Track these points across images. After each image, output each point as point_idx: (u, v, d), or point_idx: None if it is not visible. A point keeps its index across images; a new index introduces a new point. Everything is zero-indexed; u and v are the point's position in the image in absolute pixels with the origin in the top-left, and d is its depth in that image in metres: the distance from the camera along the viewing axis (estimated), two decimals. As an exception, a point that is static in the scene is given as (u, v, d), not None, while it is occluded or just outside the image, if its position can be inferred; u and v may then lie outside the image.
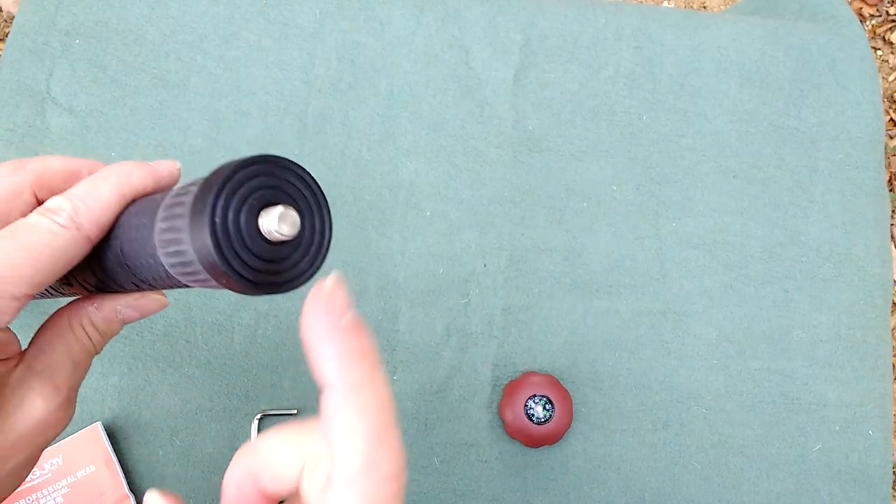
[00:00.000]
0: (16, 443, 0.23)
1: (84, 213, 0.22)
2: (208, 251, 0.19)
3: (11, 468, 0.23)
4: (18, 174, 0.24)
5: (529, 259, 0.52)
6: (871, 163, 0.57)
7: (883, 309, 0.55)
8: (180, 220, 0.20)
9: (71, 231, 0.22)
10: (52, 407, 0.24)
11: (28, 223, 0.22)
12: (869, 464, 0.52)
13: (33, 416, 0.23)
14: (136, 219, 0.23)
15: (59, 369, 0.24)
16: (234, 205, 0.19)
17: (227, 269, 0.19)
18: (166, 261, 0.21)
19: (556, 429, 0.47)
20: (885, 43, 1.41)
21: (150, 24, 0.53)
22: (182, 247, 0.20)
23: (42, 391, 0.23)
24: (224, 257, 0.19)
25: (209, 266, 0.19)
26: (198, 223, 0.19)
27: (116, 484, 0.45)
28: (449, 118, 0.54)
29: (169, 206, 0.21)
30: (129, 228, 0.23)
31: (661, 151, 0.55)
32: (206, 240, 0.19)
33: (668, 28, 0.57)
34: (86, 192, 0.23)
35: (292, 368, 0.49)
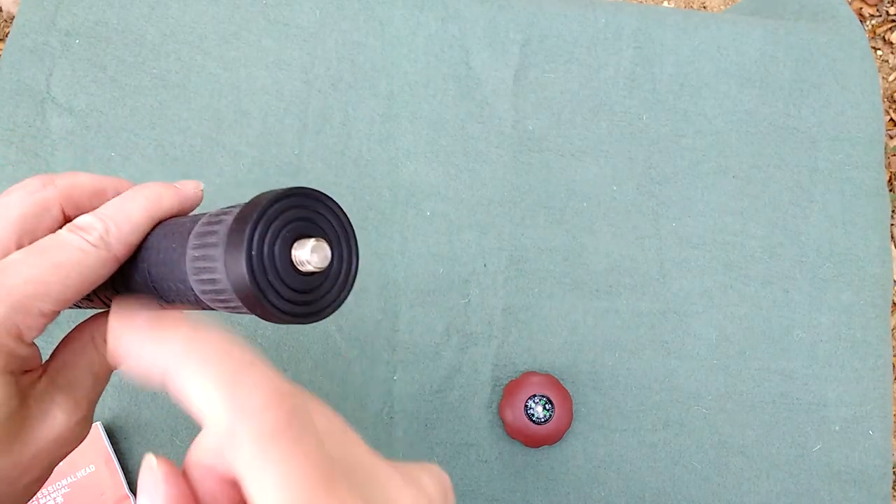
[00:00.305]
0: (35, 456, 0.23)
1: (114, 232, 0.23)
2: (245, 282, 0.19)
3: (28, 482, 0.23)
4: (48, 189, 0.24)
5: (529, 259, 0.52)
6: (871, 163, 0.57)
7: (883, 309, 0.55)
8: (214, 248, 0.20)
9: (101, 250, 0.22)
10: (73, 422, 0.24)
11: (59, 240, 0.22)
12: (869, 464, 0.52)
13: (54, 430, 0.23)
14: (165, 242, 0.23)
15: (81, 384, 0.24)
16: (269, 237, 0.20)
17: (262, 300, 0.19)
18: (198, 287, 0.21)
19: (556, 429, 0.47)
20: (885, 43, 1.41)
21: (150, 24, 0.53)
22: (216, 275, 0.20)
23: (64, 405, 0.24)
24: (259, 288, 0.19)
25: (244, 297, 0.19)
26: (234, 254, 0.19)
27: (116, 484, 0.45)
28: (449, 118, 0.54)
29: (201, 235, 0.21)
30: (158, 252, 0.23)
31: (661, 151, 0.55)
32: (242, 271, 0.19)
33: (668, 28, 0.57)
34: (116, 212, 0.23)
35: (292, 368, 0.49)
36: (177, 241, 0.22)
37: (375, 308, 0.50)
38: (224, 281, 0.20)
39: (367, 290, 0.50)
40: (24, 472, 0.22)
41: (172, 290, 0.23)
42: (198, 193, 0.26)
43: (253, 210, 0.20)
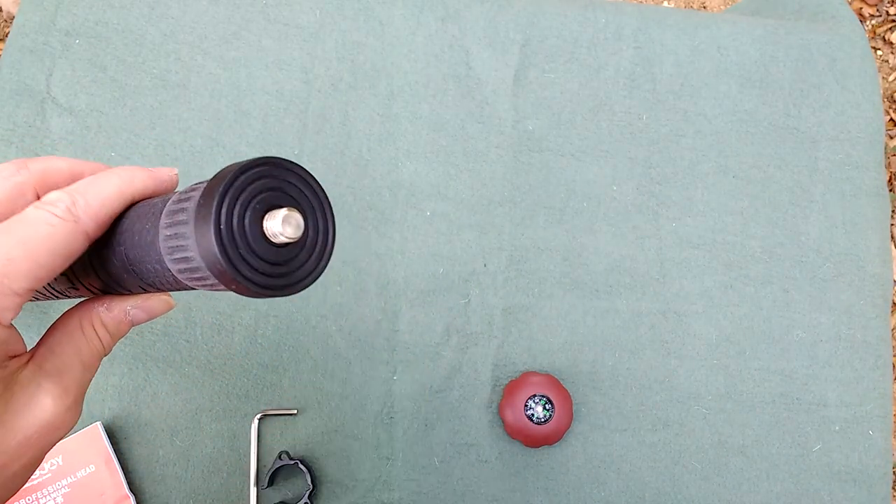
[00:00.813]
0: (23, 443, 0.22)
1: (82, 206, 0.22)
2: (215, 258, 0.19)
3: (17, 469, 0.23)
4: (21, 174, 0.24)
5: (529, 259, 0.52)
6: (871, 163, 0.57)
7: (883, 309, 0.55)
8: (184, 226, 0.20)
9: (68, 223, 0.22)
10: (61, 408, 0.24)
11: (24, 216, 0.22)
12: (869, 464, 0.52)
13: (42, 416, 0.23)
14: (139, 224, 0.23)
15: (69, 370, 0.24)
16: (238, 209, 0.19)
17: (234, 275, 0.19)
18: (173, 266, 0.21)
19: (556, 429, 0.47)
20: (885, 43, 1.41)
21: (150, 24, 0.53)
22: (188, 253, 0.20)
23: (52, 391, 0.23)
24: (231, 263, 0.19)
25: (217, 272, 0.19)
26: (203, 230, 0.19)
27: (116, 484, 0.45)
28: (449, 118, 0.54)
29: (172, 213, 0.21)
30: (133, 234, 0.23)
31: (661, 151, 0.55)
32: (212, 247, 0.19)
33: (668, 28, 0.57)
34: (86, 187, 0.23)
35: (292, 368, 0.49)
36: (150, 222, 0.22)
37: (375, 308, 0.50)
38: (197, 258, 0.19)
39: (366, 291, 0.50)
40: (12, 458, 0.22)
41: (151, 272, 0.22)
42: (172, 178, 0.26)
43: (219, 183, 0.19)
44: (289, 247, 0.21)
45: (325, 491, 0.48)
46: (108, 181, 0.23)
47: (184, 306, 0.49)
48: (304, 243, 0.21)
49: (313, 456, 0.48)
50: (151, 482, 0.47)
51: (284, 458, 0.46)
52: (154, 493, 0.46)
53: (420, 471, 0.49)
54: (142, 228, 0.22)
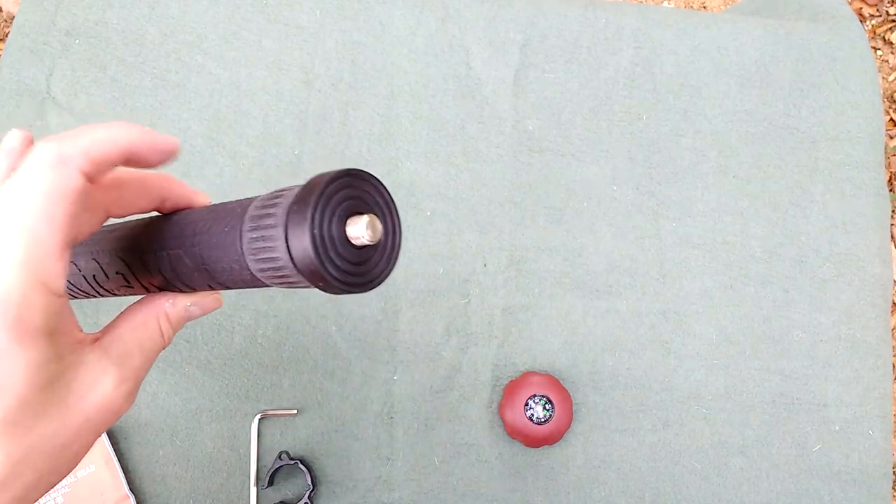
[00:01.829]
0: (83, 424, 0.23)
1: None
2: (310, 259, 0.21)
3: (77, 449, 0.24)
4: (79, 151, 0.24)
5: (529, 259, 0.52)
6: (871, 163, 0.57)
7: (883, 309, 0.55)
8: (272, 229, 0.22)
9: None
10: (121, 393, 0.25)
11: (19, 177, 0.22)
12: (869, 464, 0.52)
13: (103, 399, 0.24)
14: (217, 226, 0.24)
15: (132, 359, 0.25)
16: (328, 215, 0.21)
17: (324, 274, 0.21)
18: (256, 266, 0.23)
19: (556, 429, 0.47)
20: (885, 43, 1.41)
21: (150, 24, 0.53)
22: (276, 254, 0.22)
23: (115, 376, 0.24)
24: (323, 263, 0.21)
25: (309, 272, 0.21)
26: (298, 233, 0.21)
27: (116, 484, 0.45)
28: (449, 118, 0.54)
29: (258, 217, 0.23)
30: (210, 236, 0.25)
31: (661, 151, 0.55)
32: (307, 248, 0.21)
33: (668, 28, 0.57)
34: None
35: (292, 368, 0.49)
36: (229, 224, 0.24)
37: (375, 308, 0.50)
38: (285, 259, 0.22)
39: (367, 290, 0.50)
40: (73, 438, 0.23)
41: (226, 270, 0.24)
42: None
43: (312, 192, 0.21)
44: (367, 249, 0.23)
45: (325, 491, 0.48)
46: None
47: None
48: (378, 246, 0.24)
49: (313, 456, 0.48)
50: (151, 482, 0.47)
51: (284, 458, 0.46)
52: (154, 493, 0.46)
53: (420, 471, 0.49)
54: (220, 230, 0.24)
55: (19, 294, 0.20)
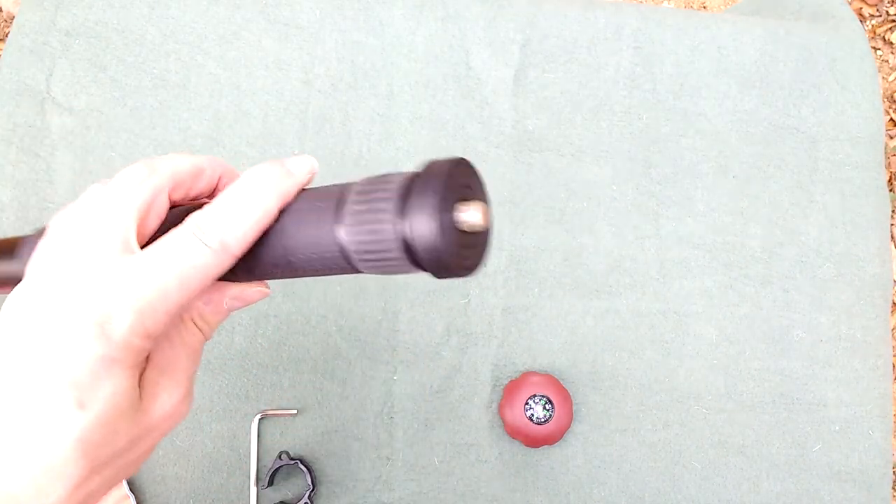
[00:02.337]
0: (148, 433, 0.25)
1: (232, 236, 0.23)
2: (435, 244, 0.21)
3: (138, 454, 0.25)
4: (155, 177, 0.25)
5: (529, 259, 0.52)
6: (871, 163, 0.57)
7: (883, 309, 0.55)
8: (385, 212, 0.22)
9: (219, 254, 0.23)
10: (177, 400, 0.26)
11: (181, 246, 0.23)
12: (869, 464, 0.52)
13: (163, 409, 0.25)
14: (305, 206, 0.24)
15: (179, 363, 0.26)
16: (449, 201, 0.22)
17: (447, 259, 0.21)
18: (356, 247, 0.23)
19: (556, 429, 0.47)
20: (885, 43, 1.41)
21: (150, 24, 0.53)
22: (386, 237, 0.22)
23: (167, 387, 0.25)
24: (448, 249, 0.21)
25: (431, 257, 0.21)
26: (423, 214, 0.21)
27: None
28: (449, 118, 0.54)
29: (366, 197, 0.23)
30: (297, 227, 0.24)
31: (661, 151, 0.55)
32: (434, 233, 0.21)
33: (668, 28, 0.57)
34: (235, 213, 0.24)
35: (292, 368, 0.49)
36: (321, 215, 0.24)
37: (375, 308, 0.50)
38: (395, 244, 0.22)
39: (366, 290, 0.50)
40: (134, 446, 0.24)
41: (312, 259, 0.24)
42: (311, 175, 0.26)
43: (437, 177, 0.22)
44: (473, 235, 0.23)
45: (325, 491, 0.48)
46: (257, 203, 0.24)
47: (184, 306, 0.49)
48: (483, 233, 0.24)
49: (313, 456, 0.48)
50: (151, 482, 0.47)
51: (284, 458, 0.46)
52: (154, 493, 0.46)
53: (420, 471, 0.49)
54: (309, 221, 0.24)
55: (123, 338, 0.22)
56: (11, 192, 0.50)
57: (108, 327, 0.21)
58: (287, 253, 0.24)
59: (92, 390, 0.21)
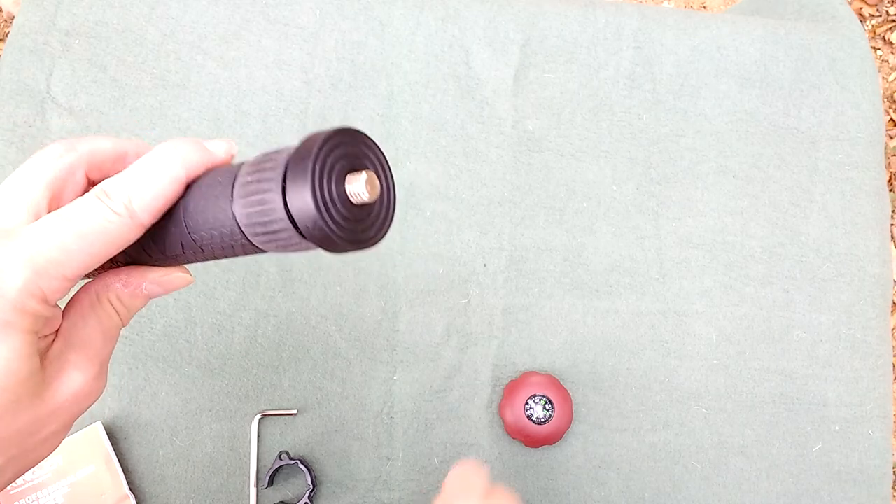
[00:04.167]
0: (54, 412, 0.24)
1: (139, 201, 0.23)
2: (312, 215, 0.21)
3: (47, 435, 0.24)
4: (70, 154, 0.25)
5: (529, 259, 0.52)
6: (871, 163, 0.57)
7: (883, 309, 0.55)
8: (269, 192, 0.21)
9: (125, 219, 0.23)
10: (88, 378, 0.25)
11: (84, 207, 0.23)
12: (869, 464, 0.52)
13: (71, 387, 0.24)
14: (207, 191, 0.24)
15: (92, 342, 0.25)
16: (327, 172, 0.21)
17: (326, 230, 0.21)
18: (250, 229, 0.22)
19: (556, 429, 0.47)
20: (885, 43, 1.41)
21: (150, 24, 0.53)
22: (273, 216, 0.21)
23: (77, 363, 0.24)
24: (324, 220, 0.21)
25: (310, 229, 0.21)
26: (298, 190, 0.21)
27: (116, 484, 0.45)
28: (449, 118, 0.54)
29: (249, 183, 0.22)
30: (198, 202, 0.24)
31: (661, 151, 0.55)
32: (308, 205, 0.20)
33: (668, 28, 0.57)
34: (141, 179, 0.23)
35: (292, 368, 0.49)
36: (219, 190, 0.23)
37: (375, 308, 0.50)
38: (283, 217, 0.21)
39: (366, 290, 0.50)
40: (42, 426, 0.23)
41: (213, 237, 0.24)
42: (227, 156, 0.26)
43: (309, 149, 0.21)
44: (365, 206, 0.23)
45: (325, 491, 0.48)
46: (163, 170, 0.24)
47: (183, 306, 0.49)
48: (376, 203, 0.23)
49: (313, 456, 0.48)
50: (151, 482, 0.47)
51: (284, 458, 0.46)
52: (154, 493, 0.46)
53: (420, 471, 0.49)
54: (209, 195, 0.23)
55: (18, 297, 0.21)
56: (11, 192, 0.50)
57: (1, 284, 0.21)
58: (191, 230, 0.24)
59: None
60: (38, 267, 0.21)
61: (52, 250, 0.22)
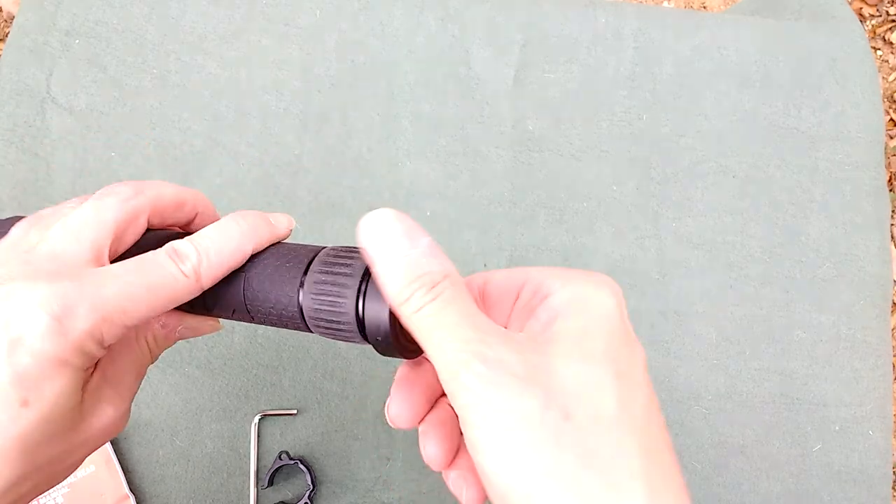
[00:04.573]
0: (84, 442, 0.24)
1: (206, 267, 0.24)
2: (384, 326, 0.23)
3: (71, 463, 0.25)
4: (139, 199, 0.26)
5: (529, 259, 0.52)
6: (871, 163, 0.57)
7: (883, 309, 0.55)
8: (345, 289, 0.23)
9: (191, 281, 0.24)
10: (118, 413, 0.26)
11: (157, 262, 0.24)
12: (869, 464, 0.52)
13: (103, 421, 0.25)
14: (275, 263, 0.26)
15: (126, 378, 0.26)
16: None
17: (391, 339, 0.23)
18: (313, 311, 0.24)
19: (556, 429, 0.47)
20: (885, 43, 1.41)
21: (150, 24, 0.53)
22: (340, 309, 0.23)
23: (111, 399, 0.25)
24: (393, 331, 0.23)
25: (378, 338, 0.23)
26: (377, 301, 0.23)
27: (116, 484, 0.45)
28: (449, 118, 0.54)
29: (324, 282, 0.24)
30: (263, 271, 0.26)
31: (661, 151, 0.55)
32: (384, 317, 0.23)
33: (668, 28, 0.57)
34: (212, 246, 0.25)
35: (292, 368, 0.49)
36: (288, 276, 0.25)
37: (375, 308, 0.50)
38: (349, 318, 0.23)
39: (367, 290, 0.50)
40: (70, 455, 0.24)
41: (272, 313, 0.25)
42: (288, 231, 0.28)
43: None
44: None
45: (325, 491, 0.48)
46: (231, 240, 0.25)
47: (184, 306, 0.49)
48: None
49: (313, 456, 0.48)
50: (151, 482, 0.47)
51: (284, 458, 0.46)
52: (154, 493, 0.46)
53: (420, 471, 0.49)
54: (276, 279, 0.25)
55: (79, 339, 0.22)
56: (11, 191, 0.50)
57: (67, 323, 0.21)
58: (248, 301, 0.26)
59: (38, 389, 0.21)
60: (105, 313, 0.22)
61: (122, 299, 0.22)
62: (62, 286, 0.21)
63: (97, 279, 0.22)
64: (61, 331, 0.21)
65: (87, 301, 0.22)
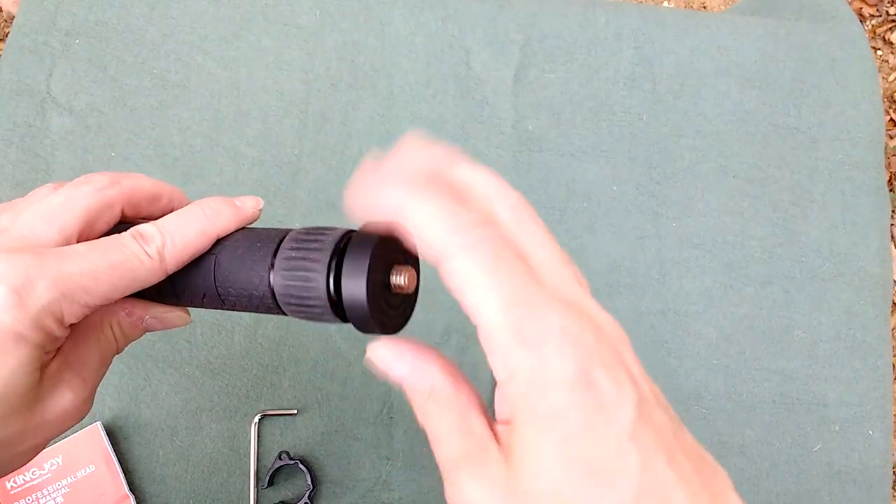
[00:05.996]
0: (40, 426, 0.24)
1: (170, 249, 0.24)
2: (361, 298, 0.23)
3: (26, 448, 0.24)
4: (114, 188, 0.26)
5: (529, 259, 0.52)
6: (871, 163, 0.57)
7: (883, 309, 0.55)
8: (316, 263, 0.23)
9: (154, 262, 0.24)
10: (79, 399, 0.25)
11: (121, 243, 0.24)
12: (869, 464, 0.52)
13: (61, 405, 0.24)
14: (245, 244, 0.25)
15: (88, 364, 0.26)
16: (380, 262, 0.23)
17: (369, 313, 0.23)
18: (285, 292, 0.24)
19: (556, 429, 0.47)
20: (885, 43, 1.41)
21: (150, 24, 0.53)
22: (312, 284, 0.23)
23: (72, 383, 0.25)
24: (369, 304, 0.23)
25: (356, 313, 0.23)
26: (355, 273, 0.23)
27: (116, 484, 0.45)
28: (449, 118, 0.54)
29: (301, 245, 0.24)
30: (232, 252, 0.25)
31: (661, 151, 0.55)
32: (361, 288, 0.23)
33: (668, 28, 0.57)
34: (177, 229, 0.25)
35: (292, 368, 0.49)
36: (258, 256, 0.25)
37: (375, 308, 0.50)
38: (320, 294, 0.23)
39: (367, 290, 0.50)
40: (25, 438, 0.24)
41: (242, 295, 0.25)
42: (256, 212, 0.28)
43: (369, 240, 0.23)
44: (399, 296, 0.25)
45: (325, 491, 0.48)
46: (196, 223, 0.25)
47: (184, 306, 0.49)
48: (410, 295, 0.26)
49: (313, 456, 0.48)
50: (151, 482, 0.47)
51: (284, 458, 0.46)
52: (154, 493, 0.46)
53: (420, 471, 0.49)
54: (245, 259, 0.25)
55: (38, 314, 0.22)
56: (11, 191, 0.50)
57: (26, 296, 0.21)
58: (218, 283, 0.26)
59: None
60: (65, 289, 0.22)
61: (83, 277, 0.22)
62: (23, 259, 0.22)
63: (60, 255, 0.22)
64: (20, 304, 0.21)
65: (48, 276, 0.22)
